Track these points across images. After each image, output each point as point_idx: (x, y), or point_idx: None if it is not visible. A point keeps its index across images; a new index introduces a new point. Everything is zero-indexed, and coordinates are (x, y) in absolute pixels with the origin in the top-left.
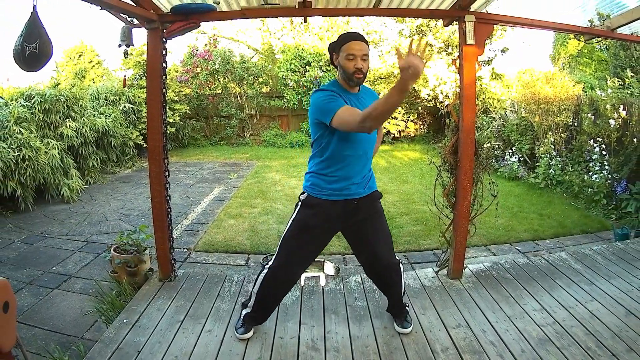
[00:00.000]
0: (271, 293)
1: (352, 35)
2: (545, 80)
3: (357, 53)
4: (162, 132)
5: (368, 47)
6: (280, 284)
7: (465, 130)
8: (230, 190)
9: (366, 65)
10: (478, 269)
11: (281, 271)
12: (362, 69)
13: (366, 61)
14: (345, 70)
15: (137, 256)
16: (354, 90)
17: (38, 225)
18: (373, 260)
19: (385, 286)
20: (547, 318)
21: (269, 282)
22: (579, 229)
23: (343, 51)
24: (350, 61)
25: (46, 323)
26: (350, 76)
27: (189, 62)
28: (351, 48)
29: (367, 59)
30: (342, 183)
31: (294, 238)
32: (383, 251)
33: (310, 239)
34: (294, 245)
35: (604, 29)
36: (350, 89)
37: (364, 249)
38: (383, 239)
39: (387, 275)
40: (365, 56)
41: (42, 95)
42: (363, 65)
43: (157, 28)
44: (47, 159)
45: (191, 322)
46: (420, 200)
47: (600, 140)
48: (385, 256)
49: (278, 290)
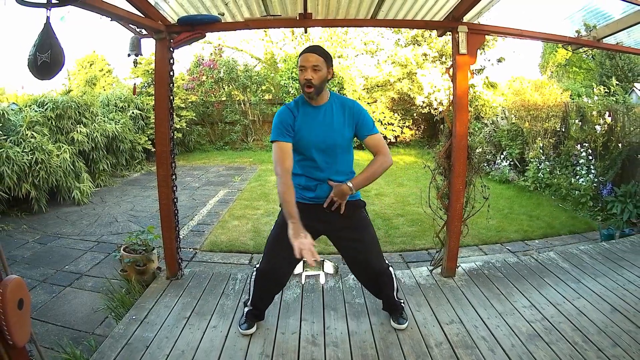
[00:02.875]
0: (262, 292)
1: (305, 49)
2: (534, 88)
3: (307, 64)
4: (170, 137)
5: (325, 58)
6: (268, 284)
7: (458, 136)
8: (234, 192)
9: (318, 75)
10: (470, 267)
11: (267, 272)
12: (312, 80)
13: (319, 71)
14: (300, 83)
15: (145, 255)
16: (316, 103)
17: (51, 226)
18: (363, 268)
19: (377, 290)
20: (536, 314)
21: (259, 283)
22: (566, 230)
23: (298, 65)
24: (302, 73)
25: (59, 319)
26: (302, 88)
27: (195, 70)
28: (302, 61)
29: (320, 68)
30: (307, 188)
31: (276, 239)
32: (370, 260)
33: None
34: (276, 246)
35: (590, 39)
36: (311, 101)
37: (352, 259)
38: (369, 248)
39: (377, 281)
40: (317, 67)
41: (54, 102)
42: (313, 76)
43: (165, 38)
44: (59, 162)
45: (197, 318)
46: (415, 202)
47: (587, 145)
48: (373, 263)
49: (268, 290)
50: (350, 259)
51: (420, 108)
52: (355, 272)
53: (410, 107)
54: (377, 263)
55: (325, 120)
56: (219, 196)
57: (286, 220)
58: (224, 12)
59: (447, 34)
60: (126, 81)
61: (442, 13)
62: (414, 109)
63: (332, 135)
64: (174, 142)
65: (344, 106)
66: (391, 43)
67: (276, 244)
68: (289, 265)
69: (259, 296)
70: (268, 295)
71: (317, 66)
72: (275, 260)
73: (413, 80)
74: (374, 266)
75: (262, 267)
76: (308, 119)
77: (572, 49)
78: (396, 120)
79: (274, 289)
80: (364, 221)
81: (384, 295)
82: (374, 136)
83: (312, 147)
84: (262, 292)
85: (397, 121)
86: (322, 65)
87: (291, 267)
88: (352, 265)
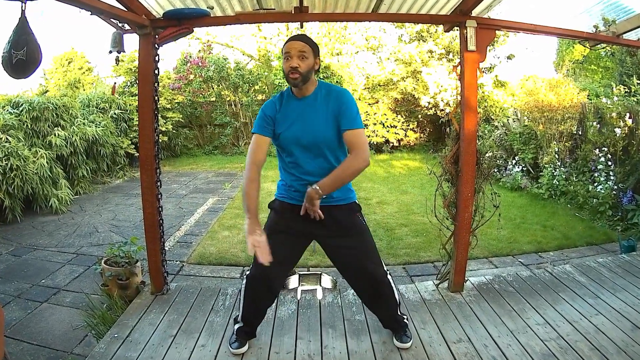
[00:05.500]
0: (252, 303)
1: (291, 37)
2: (549, 88)
3: (292, 52)
4: (154, 140)
5: (312, 47)
6: (259, 292)
7: (467, 139)
8: (224, 200)
9: (305, 63)
10: (480, 282)
11: (256, 278)
12: (299, 67)
13: (306, 59)
14: (284, 72)
15: (128, 269)
16: (300, 94)
17: (26, 237)
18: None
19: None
20: (551, 332)
21: (248, 292)
22: (583, 241)
23: (282, 53)
24: (287, 62)
25: (35, 338)
26: (287, 77)
27: (182, 68)
28: (287, 47)
29: (307, 56)
30: (289, 187)
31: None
32: (366, 267)
33: (279, 244)
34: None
35: (609, 35)
36: (297, 93)
37: (344, 267)
38: (365, 255)
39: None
40: (304, 53)
41: (30, 103)
42: (299, 64)
43: (149, 34)
44: (35, 169)
45: (184, 337)
46: (420, 211)
47: (606, 149)
48: (369, 271)
49: (257, 300)
50: (342, 267)
51: (425, 109)
52: (351, 282)
53: (415, 108)
54: (374, 271)
55: (305, 113)
56: (207, 204)
57: (273, 223)
58: (213, 5)
59: (455, 29)
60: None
61: (449, 6)
62: (419, 110)
63: (312, 130)
64: (159, 146)
65: (328, 96)
66: (394, 39)
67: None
68: (280, 269)
69: (250, 308)
70: (259, 307)
71: (303, 52)
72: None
73: (418, 79)
74: (369, 274)
75: (252, 273)
76: (288, 111)
77: (589, 45)
78: (399, 123)
79: (265, 298)
80: (359, 227)
81: (384, 312)
82: (354, 131)
83: (291, 144)
84: (253, 302)
85: (401, 123)
86: (309, 54)
87: (283, 271)
88: (346, 275)
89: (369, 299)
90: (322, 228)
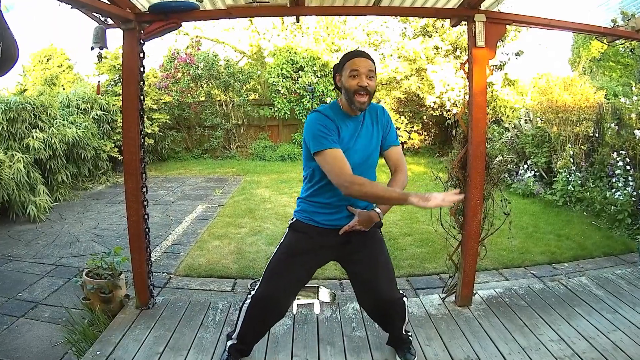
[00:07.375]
0: (256, 324)
1: (357, 53)
2: (563, 87)
3: (362, 70)
4: (140, 143)
5: (375, 65)
6: (265, 314)
7: (475, 142)
8: (214, 208)
9: (372, 83)
10: (489, 295)
11: (266, 300)
12: (368, 87)
13: (373, 79)
14: (347, 89)
15: (111, 281)
16: (355, 114)
17: (2, 246)
18: (371, 295)
19: (386, 322)
20: (566, 350)
21: (254, 312)
22: (600, 251)
23: (346, 69)
24: (354, 79)
25: (10, 355)
26: (352, 96)
27: (169, 66)
28: (355, 64)
29: (374, 76)
30: (330, 212)
31: (281, 263)
32: (383, 286)
33: (298, 265)
34: (280, 270)
35: (628, 30)
36: (351, 112)
37: (361, 283)
38: (383, 273)
39: (387, 311)
40: (372, 73)
41: (7, 103)
42: (369, 84)
43: (134, 29)
44: (11, 174)
45: (171, 354)
46: (425, 220)
47: (624, 153)
48: (385, 291)
49: (264, 321)
50: (359, 284)
51: (430, 110)
52: (363, 299)
53: (419, 109)
54: (389, 291)
55: (364, 134)
56: (197, 212)
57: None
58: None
59: (462, 24)
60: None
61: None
62: (424, 111)
63: (367, 150)
64: (145, 149)
65: (373, 113)
66: (397, 34)
67: (280, 267)
68: (292, 293)
69: (251, 328)
70: (262, 328)
71: (372, 72)
72: (278, 285)
73: (423, 77)
74: (385, 294)
75: (261, 293)
76: (350, 131)
77: (607, 41)
78: (403, 124)
79: (272, 320)
80: (380, 243)
81: (391, 327)
82: (397, 148)
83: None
84: (256, 323)
85: (404, 125)
86: (374, 74)
87: (293, 294)
88: (361, 292)
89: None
90: (349, 244)
